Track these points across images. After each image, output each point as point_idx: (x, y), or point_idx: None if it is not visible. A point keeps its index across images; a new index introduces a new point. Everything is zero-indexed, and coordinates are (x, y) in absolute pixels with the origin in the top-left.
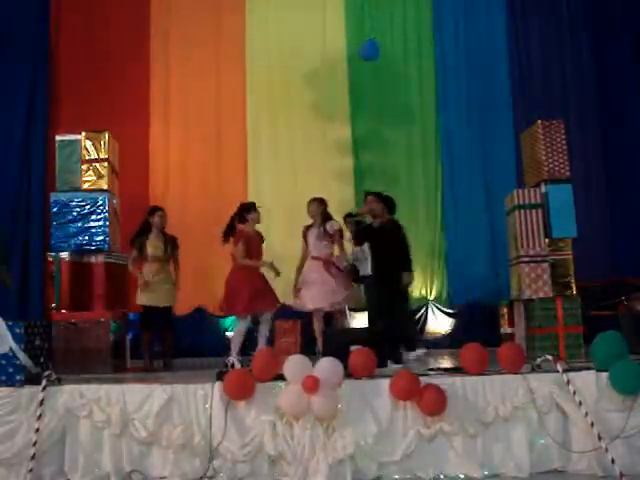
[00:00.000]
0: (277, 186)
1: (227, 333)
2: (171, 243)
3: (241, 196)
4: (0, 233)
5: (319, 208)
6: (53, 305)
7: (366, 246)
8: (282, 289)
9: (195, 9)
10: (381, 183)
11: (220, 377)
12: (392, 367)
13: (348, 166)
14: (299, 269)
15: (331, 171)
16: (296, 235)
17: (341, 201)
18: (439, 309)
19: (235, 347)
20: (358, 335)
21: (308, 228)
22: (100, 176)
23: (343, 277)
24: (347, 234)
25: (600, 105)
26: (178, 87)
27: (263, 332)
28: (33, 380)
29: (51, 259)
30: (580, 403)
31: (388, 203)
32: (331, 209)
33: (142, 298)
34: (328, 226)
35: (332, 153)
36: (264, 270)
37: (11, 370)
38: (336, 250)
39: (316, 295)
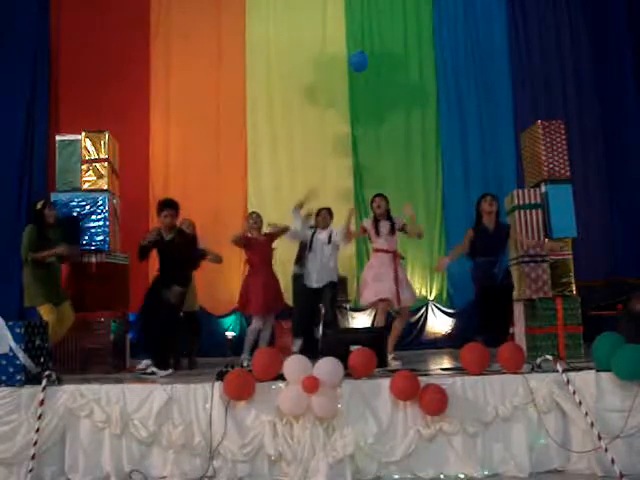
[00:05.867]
0: (277, 185)
1: (227, 333)
2: None
3: (241, 196)
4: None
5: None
6: None
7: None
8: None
9: (195, 9)
10: (381, 182)
11: (220, 377)
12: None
13: (348, 164)
14: None
15: (331, 169)
16: None
17: (340, 198)
18: (439, 309)
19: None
20: (358, 335)
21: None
22: (100, 176)
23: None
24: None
25: (600, 104)
26: (178, 87)
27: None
28: (33, 380)
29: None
30: (580, 403)
31: None
32: (330, 206)
33: None
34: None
35: (332, 151)
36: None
37: (11, 370)
38: None
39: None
